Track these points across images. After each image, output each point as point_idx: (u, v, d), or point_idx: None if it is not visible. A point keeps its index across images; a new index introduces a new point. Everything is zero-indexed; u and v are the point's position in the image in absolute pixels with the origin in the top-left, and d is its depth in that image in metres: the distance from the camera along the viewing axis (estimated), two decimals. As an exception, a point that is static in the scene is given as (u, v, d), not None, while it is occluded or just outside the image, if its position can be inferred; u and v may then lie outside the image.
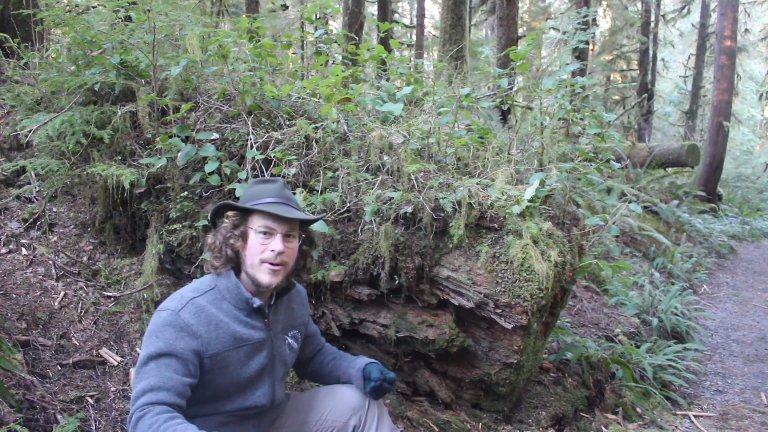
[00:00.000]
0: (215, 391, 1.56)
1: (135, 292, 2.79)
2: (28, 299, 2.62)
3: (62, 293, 2.72)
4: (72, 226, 3.17)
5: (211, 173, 2.61)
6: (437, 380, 2.55)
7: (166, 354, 1.44)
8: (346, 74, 2.87)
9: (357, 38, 8.49)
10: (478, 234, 2.33)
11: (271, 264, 1.58)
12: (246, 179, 2.57)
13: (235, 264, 1.64)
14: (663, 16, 17.08)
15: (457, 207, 2.30)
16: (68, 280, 2.83)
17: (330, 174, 2.58)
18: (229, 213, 1.64)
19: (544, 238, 2.28)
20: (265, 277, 1.58)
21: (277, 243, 1.58)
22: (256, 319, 1.64)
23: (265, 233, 1.59)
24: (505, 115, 7.07)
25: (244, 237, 1.61)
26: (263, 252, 1.58)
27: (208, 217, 1.71)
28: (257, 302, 1.61)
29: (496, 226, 2.31)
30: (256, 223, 1.60)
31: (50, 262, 2.88)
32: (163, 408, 1.37)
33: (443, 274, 2.35)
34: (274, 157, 2.60)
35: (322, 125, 2.75)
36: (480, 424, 2.49)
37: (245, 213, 1.63)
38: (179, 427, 1.32)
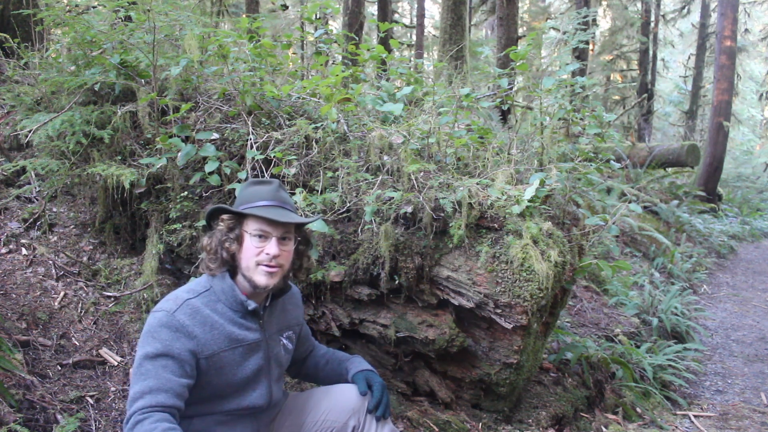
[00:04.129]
0: (213, 391, 1.57)
1: (135, 292, 2.79)
2: (28, 299, 2.62)
3: (62, 293, 2.72)
4: (72, 226, 3.17)
5: (211, 173, 2.61)
6: (437, 380, 2.55)
7: (163, 355, 1.44)
8: (346, 74, 2.87)
9: (357, 38, 8.49)
10: (478, 234, 2.33)
11: (267, 266, 1.58)
12: (246, 179, 2.57)
13: (231, 266, 1.64)
14: (663, 16, 17.09)
15: (457, 207, 2.29)
16: (68, 280, 2.83)
17: (330, 174, 2.58)
18: (224, 216, 1.63)
19: (544, 238, 2.28)
20: (262, 278, 1.59)
21: (272, 247, 1.58)
22: (250, 321, 1.64)
23: (260, 236, 1.59)
24: (505, 115, 7.07)
25: (239, 240, 1.61)
26: (258, 255, 1.58)
27: (204, 220, 1.71)
28: (252, 305, 1.61)
29: (496, 226, 2.31)
30: (251, 227, 1.59)
31: (50, 262, 2.88)
32: (162, 415, 1.37)
33: (443, 274, 2.35)
34: (274, 157, 2.60)
35: (322, 125, 2.75)
36: (480, 424, 2.49)
37: (240, 216, 1.62)
38: None
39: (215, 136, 2.77)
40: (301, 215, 2.25)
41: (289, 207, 1.66)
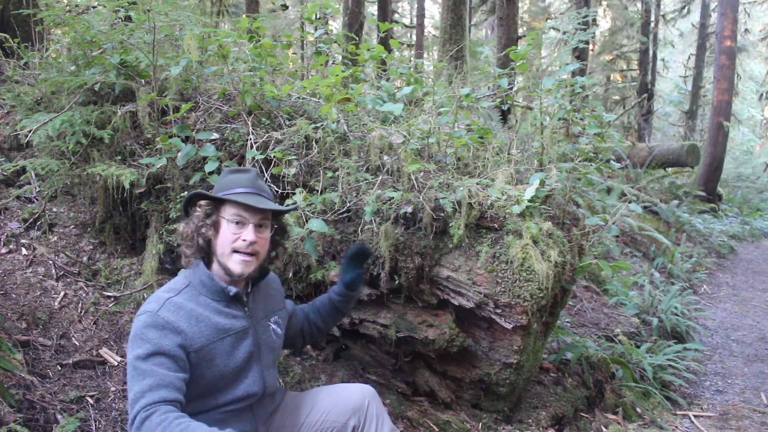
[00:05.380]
0: (207, 385, 1.57)
1: (135, 292, 2.79)
2: (28, 299, 2.62)
3: (62, 293, 2.72)
4: (72, 226, 3.17)
5: (211, 173, 2.61)
6: (437, 380, 2.55)
7: (155, 354, 1.45)
8: (346, 74, 2.87)
9: (357, 38, 8.49)
10: (478, 234, 2.33)
11: (243, 253, 1.61)
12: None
13: (206, 254, 1.65)
14: (663, 16, 17.09)
15: (457, 207, 2.29)
16: (68, 280, 2.83)
17: (330, 174, 2.58)
18: (202, 202, 1.65)
19: (544, 238, 2.28)
20: (237, 266, 1.61)
21: (249, 233, 1.61)
22: (235, 308, 1.66)
23: (237, 223, 1.61)
24: (505, 115, 7.07)
25: (216, 226, 1.63)
26: (235, 241, 1.61)
27: (182, 206, 1.72)
28: (233, 290, 1.62)
29: (496, 226, 2.31)
30: (228, 213, 1.62)
31: (50, 262, 2.88)
32: (168, 407, 1.37)
33: (443, 274, 2.35)
34: (274, 157, 2.60)
35: (322, 125, 2.75)
36: (480, 424, 2.49)
37: (218, 202, 1.64)
38: (192, 425, 1.33)
39: (215, 136, 2.77)
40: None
41: (266, 195, 1.69)
